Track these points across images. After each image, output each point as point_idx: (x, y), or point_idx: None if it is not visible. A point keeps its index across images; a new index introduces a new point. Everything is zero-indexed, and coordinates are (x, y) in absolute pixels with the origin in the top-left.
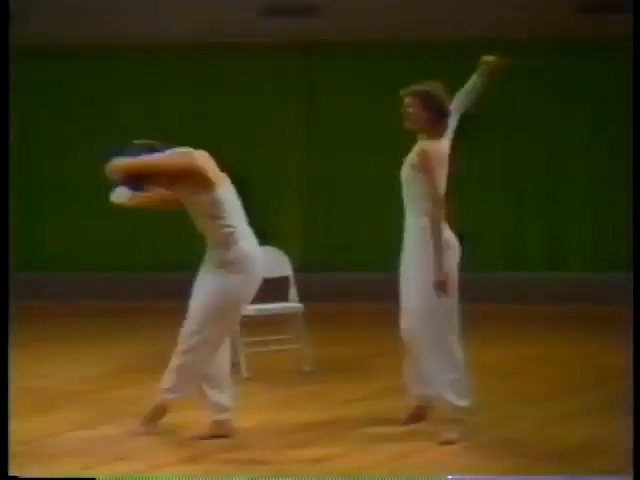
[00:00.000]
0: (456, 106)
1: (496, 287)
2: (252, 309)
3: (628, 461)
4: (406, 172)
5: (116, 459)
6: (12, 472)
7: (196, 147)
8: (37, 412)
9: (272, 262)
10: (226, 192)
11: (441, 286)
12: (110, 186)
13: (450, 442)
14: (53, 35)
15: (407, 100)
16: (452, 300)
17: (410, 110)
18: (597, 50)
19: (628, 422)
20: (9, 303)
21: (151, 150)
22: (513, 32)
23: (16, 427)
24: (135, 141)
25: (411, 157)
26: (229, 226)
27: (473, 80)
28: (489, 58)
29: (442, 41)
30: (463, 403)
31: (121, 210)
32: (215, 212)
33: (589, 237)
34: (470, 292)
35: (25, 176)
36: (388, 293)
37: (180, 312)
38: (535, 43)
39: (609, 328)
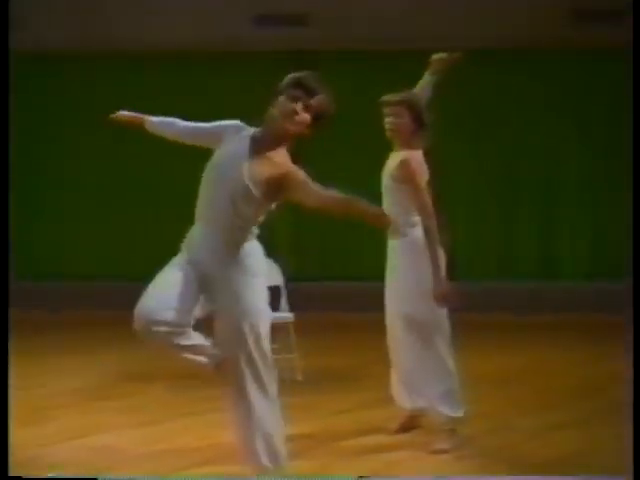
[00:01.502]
0: None
1: (489, 296)
2: None
3: (620, 471)
4: (386, 183)
5: (113, 468)
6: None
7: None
8: (32, 423)
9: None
10: None
11: (443, 297)
12: None
13: (442, 452)
14: (53, 39)
15: (394, 109)
16: (441, 311)
17: (398, 120)
18: (587, 57)
19: (621, 431)
20: (9, 313)
21: None
22: (506, 42)
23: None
24: None
25: (390, 168)
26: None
27: (425, 79)
28: (439, 55)
29: (433, 51)
30: (457, 414)
31: (117, 219)
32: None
33: (583, 246)
34: (464, 301)
35: (20, 189)
36: (380, 303)
37: None
38: (524, 52)
39: (603, 337)
